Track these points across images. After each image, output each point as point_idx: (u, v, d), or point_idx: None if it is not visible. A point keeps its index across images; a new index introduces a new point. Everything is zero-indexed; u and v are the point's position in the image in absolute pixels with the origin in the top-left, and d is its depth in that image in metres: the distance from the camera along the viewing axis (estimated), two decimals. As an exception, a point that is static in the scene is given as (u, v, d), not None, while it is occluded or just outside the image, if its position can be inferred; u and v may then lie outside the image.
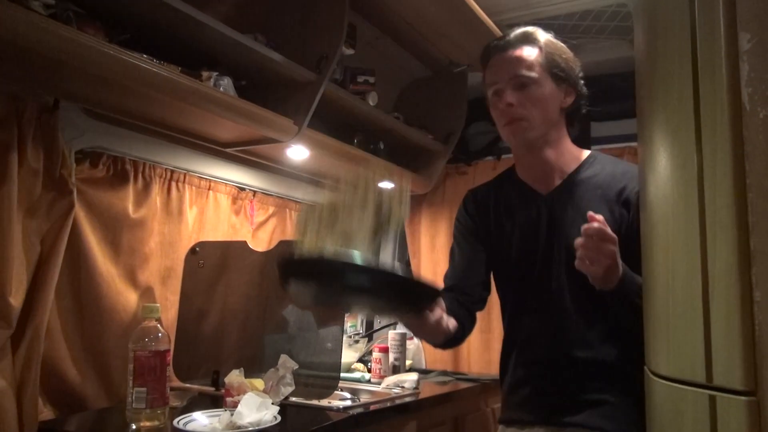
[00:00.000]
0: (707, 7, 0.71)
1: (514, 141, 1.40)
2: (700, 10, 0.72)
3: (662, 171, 0.79)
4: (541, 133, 1.38)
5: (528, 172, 1.45)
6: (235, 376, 1.54)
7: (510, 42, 1.40)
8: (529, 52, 1.38)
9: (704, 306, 0.68)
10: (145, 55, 1.41)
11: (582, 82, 1.42)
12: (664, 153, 0.79)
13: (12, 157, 1.37)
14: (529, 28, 1.42)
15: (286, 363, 1.60)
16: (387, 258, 2.92)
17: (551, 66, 1.37)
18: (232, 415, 1.36)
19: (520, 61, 1.37)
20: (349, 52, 1.98)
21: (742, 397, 0.64)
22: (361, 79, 2.09)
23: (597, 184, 1.37)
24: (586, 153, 1.45)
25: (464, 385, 2.22)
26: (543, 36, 1.40)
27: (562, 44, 1.42)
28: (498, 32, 2.13)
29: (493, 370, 2.56)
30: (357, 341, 2.44)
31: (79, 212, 1.60)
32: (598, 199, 1.35)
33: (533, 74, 1.36)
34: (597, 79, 2.58)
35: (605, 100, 2.56)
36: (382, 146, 2.37)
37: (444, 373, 2.45)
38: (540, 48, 1.38)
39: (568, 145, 1.44)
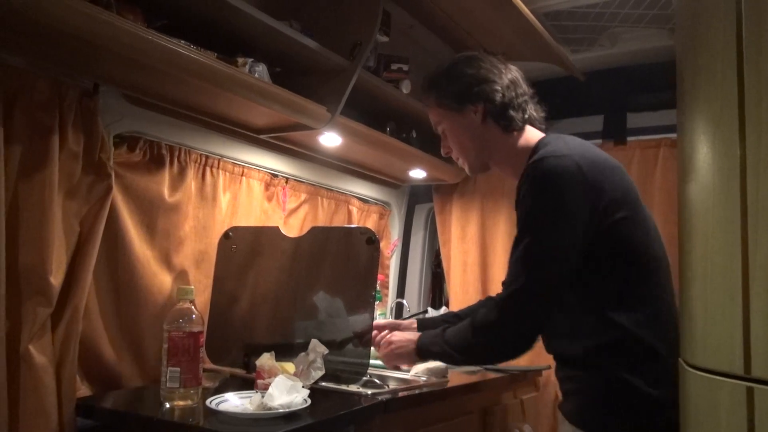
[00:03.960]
0: (754, -10, 0.69)
1: (471, 174, 1.67)
2: (746, -7, 0.70)
3: (703, 161, 0.77)
4: (480, 158, 1.54)
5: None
6: (266, 359, 1.56)
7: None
8: (430, 109, 1.58)
9: (744, 296, 0.67)
10: (182, 41, 1.43)
11: (478, 83, 1.46)
12: (705, 142, 0.77)
13: (53, 140, 1.41)
14: (422, 84, 1.58)
15: (317, 348, 1.61)
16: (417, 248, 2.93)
17: (445, 105, 1.51)
18: (263, 397, 1.38)
19: (431, 117, 1.59)
20: (384, 39, 1.98)
21: (783, 390, 0.62)
22: (394, 66, 2.09)
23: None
24: (535, 140, 1.47)
25: (492, 375, 2.21)
26: (430, 88, 1.54)
27: (446, 69, 1.52)
28: (534, 21, 2.10)
29: (522, 361, 2.55)
30: (386, 329, 2.45)
31: (117, 195, 1.63)
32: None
33: (441, 127, 1.56)
34: (635, 69, 2.56)
35: (643, 90, 2.52)
36: (414, 135, 2.37)
37: (473, 363, 2.44)
38: (432, 100, 1.54)
39: (512, 142, 1.48)
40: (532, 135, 1.49)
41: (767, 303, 0.65)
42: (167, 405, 1.42)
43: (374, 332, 1.73)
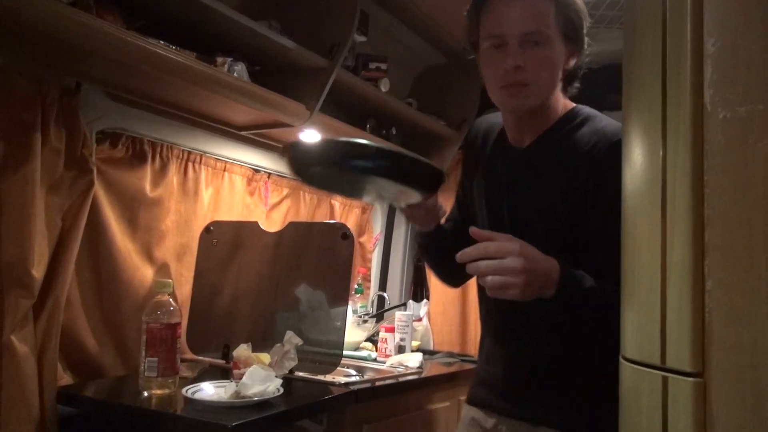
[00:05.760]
0: (677, 11, 0.75)
1: (509, 106, 1.22)
2: (670, 14, 0.76)
3: (635, 166, 0.83)
4: (542, 101, 1.20)
5: (509, 126, 1.30)
6: (242, 350, 1.62)
7: None
8: (545, 3, 1.16)
9: (662, 293, 0.73)
10: (161, 41, 1.47)
11: (586, 38, 1.24)
12: (637, 149, 0.83)
13: (36, 137, 1.45)
14: None
15: (292, 339, 1.67)
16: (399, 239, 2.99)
17: (565, 23, 1.18)
18: (237, 385, 1.43)
19: (534, 13, 1.15)
20: (361, 39, 2.02)
21: (690, 379, 0.68)
22: (373, 65, 2.14)
23: (567, 146, 1.20)
24: (569, 105, 1.28)
25: (469, 366, 2.28)
26: (564, 4, 1.18)
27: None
28: (510, 21, 2.15)
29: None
30: (366, 321, 2.51)
31: (99, 190, 1.67)
32: (563, 163, 1.20)
33: (548, 31, 1.15)
34: (610, 69, 2.60)
35: (619, 90, 2.57)
36: (394, 132, 2.42)
37: (450, 354, 2.51)
38: (555, 15, 1.17)
39: (555, 102, 1.25)
40: (565, 101, 1.29)
41: (680, 298, 0.71)
42: (145, 393, 1.48)
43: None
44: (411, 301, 2.85)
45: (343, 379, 1.70)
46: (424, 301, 2.85)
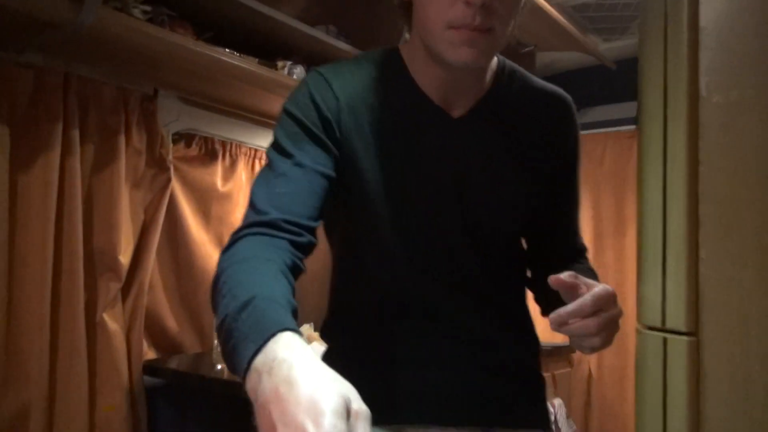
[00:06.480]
0: (676, 4, 0.82)
1: (463, 58, 0.83)
2: (670, 6, 0.83)
3: (646, 147, 0.91)
4: (502, 46, 0.89)
5: (434, 83, 0.91)
6: (305, 329, 1.76)
7: None
8: None
9: (663, 261, 0.81)
10: (227, 49, 1.63)
11: None
12: (646, 133, 0.91)
13: (120, 139, 1.64)
14: None
15: (350, 320, 1.80)
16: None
17: None
18: (300, 361, 1.57)
19: None
20: (413, 38, 2.12)
21: (686, 337, 0.76)
22: (425, 62, 2.23)
23: (514, 110, 0.95)
24: (494, 60, 0.95)
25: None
26: None
27: None
28: (557, 15, 2.20)
29: (558, 338, 2.66)
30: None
31: (176, 186, 1.85)
32: (521, 134, 0.95)
33: None
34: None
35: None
36: (449, 125, 2.51)
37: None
38: None
39: None
40: None
41: (677, 266, 0.78)
42: (219, 367, 1.64)
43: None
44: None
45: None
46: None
